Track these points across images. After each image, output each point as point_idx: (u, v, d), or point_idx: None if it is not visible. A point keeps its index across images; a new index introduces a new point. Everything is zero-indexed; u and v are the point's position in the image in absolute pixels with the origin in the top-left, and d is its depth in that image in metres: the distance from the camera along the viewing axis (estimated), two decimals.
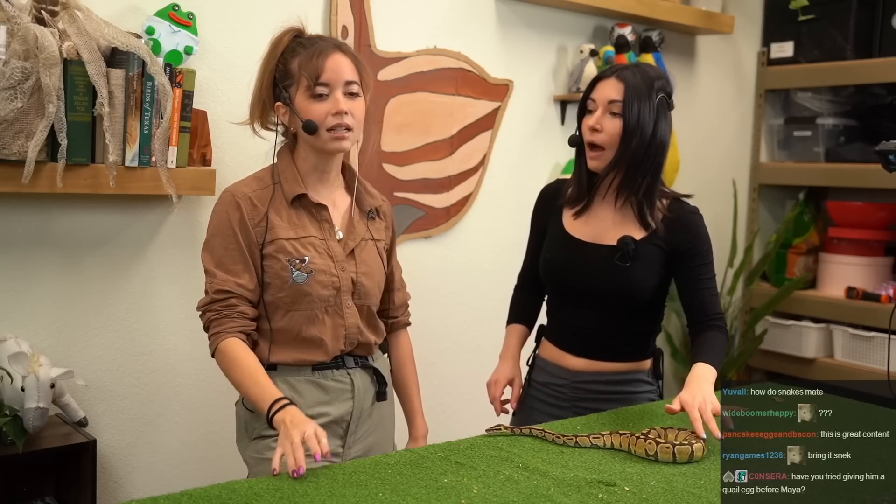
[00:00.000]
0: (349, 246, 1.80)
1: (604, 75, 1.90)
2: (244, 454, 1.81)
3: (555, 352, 2.01)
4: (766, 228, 3.91)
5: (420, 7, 2.76)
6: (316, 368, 1.77)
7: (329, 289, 1.75)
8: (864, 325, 3.41)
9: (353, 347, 1.81)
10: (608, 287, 1.90)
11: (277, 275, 1.73)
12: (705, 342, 1.85)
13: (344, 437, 1.79)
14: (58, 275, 2.16)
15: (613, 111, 1.86)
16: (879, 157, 1.87)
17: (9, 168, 1.90)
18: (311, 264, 1.74)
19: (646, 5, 3.14)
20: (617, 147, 1.86)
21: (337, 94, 1.71)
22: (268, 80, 1.76)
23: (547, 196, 2.06)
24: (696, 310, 1.90)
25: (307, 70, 1.70)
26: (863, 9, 3.49)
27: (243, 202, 1.73)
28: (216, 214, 1.76)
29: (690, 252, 1.89)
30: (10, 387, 1.94)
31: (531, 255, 2.09)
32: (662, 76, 1.90)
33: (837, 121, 3.67)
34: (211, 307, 1.73)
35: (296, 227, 1.76)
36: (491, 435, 1.68)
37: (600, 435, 1.64)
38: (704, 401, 1.63)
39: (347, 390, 1.80)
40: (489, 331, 2.99)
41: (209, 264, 1.75)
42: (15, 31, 1.88)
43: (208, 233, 1.77)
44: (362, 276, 1.80)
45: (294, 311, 1.74)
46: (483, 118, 2.93)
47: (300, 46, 1.74)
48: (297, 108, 1.72)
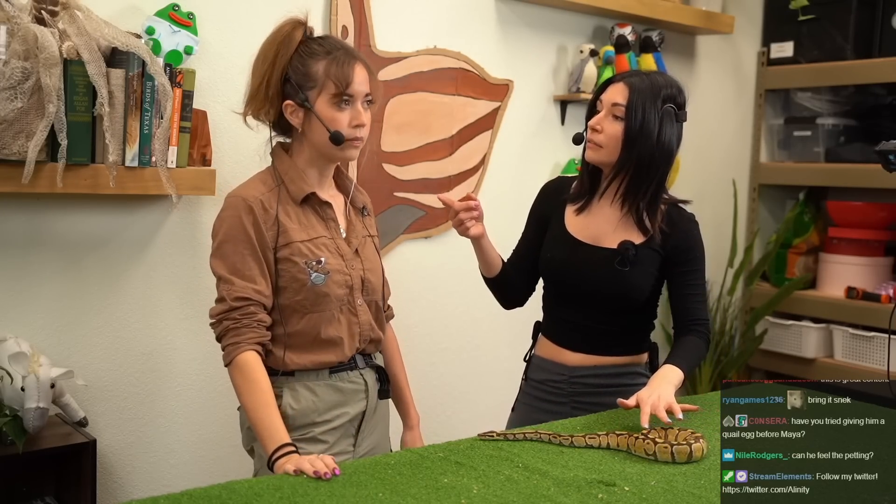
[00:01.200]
0: (353, 244, 1.81)
1: (614, 79, 1.92)
2: (258, 448, 1.79)
3: (552, 348, 2.02)
4: (766, 228, 3.91)
5: (420, 7, 2.76)
6: (333, 371, 1.78)
7: (344, 288, 1.76)
8: (864, 325, 3.42)
9: (365, 345, 1.82)
10: (606, 289, 1.92)
11: (294, 278, 1.72)
12: (680, 345, 1.90)
13: (356, 435, 1.81)
14: (58, 275, 2.16)
15: (616, 114, 1.87)
16: (879, 157, 1.87)
17: (9, 168, 1.90)
18: (328, 265, 1.74)
19: (646, 5, 3.14)
20: (617, 149, 1.87)
21: (358, 106, 1.73)
22: (277, 76, 1.73)
23: (550, 190, 2.07)
24: (680, 314, 1.95)
25: (335, 77, 1.69)
26: (863, 9, 3.49)
27: (255, 206, 1.71)
28: (226, 220, 1.72)
29: (683, 258, 1.93)
30: (10, 387, 1.94)
31: (524, 243, 2.07)
32: (674, 85, 1.90)
33: (837, 121, 3.67)
34: (229, 315, 1.69)
35: (306, 228, 1.75)
36: (484, 440, 1.65)
37: (596, 435, 1.64)
38: (659, 398, 1.68)
39: (362, 390, 1.81)
40: (489, 331, 3.00)
41: (223, 271, 1.70)
42: (15, 31, 1.88)
43: (218, 239, 1.72)
44: (368, 273, 1.81)
45: (313, 312, 1.73)
46: (483, 118, 2.93)
47: (319, 47, 1.72)
48: (319, 114, 1.72)
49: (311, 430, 1.75)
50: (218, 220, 1.74)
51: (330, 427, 1.76)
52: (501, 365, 3.03)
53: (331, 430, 1.76)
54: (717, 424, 1.33)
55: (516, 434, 1.66)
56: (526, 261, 2.05)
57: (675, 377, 1.78)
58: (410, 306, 2.77)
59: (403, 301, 2.02)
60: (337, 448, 1.77)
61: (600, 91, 1.93)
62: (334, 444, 1.77)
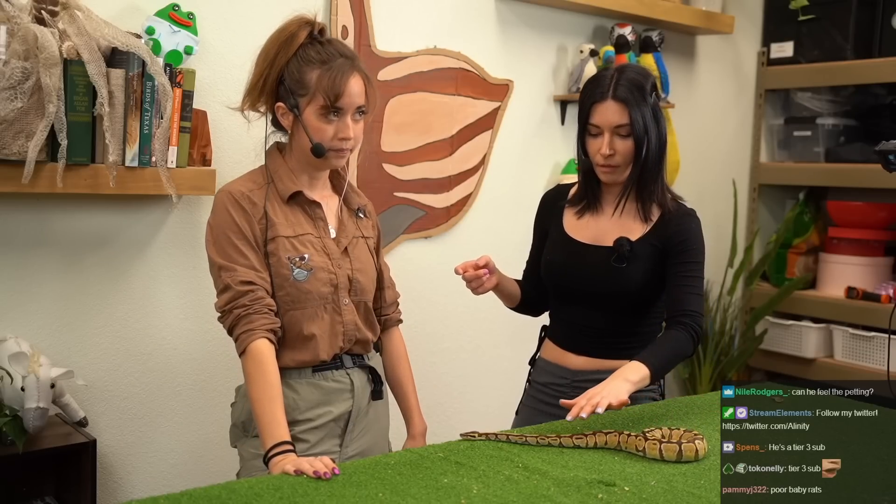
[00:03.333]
0: (342, 243, 1.81)
1: (597, 98, 1.88)
2: (241, 449, 1.80)
3: (556, 351, 2.02)
4: (766, 228, 3.91)
5: (420, 7, 2.76)
6: (316, 370, 1.77)
7: (328, 286, 1.75)
8: (864, 325, 3.42)
9: (351, 345, 1.81)
10: (606, 287, 1.92)
11: (277, 273, 1.72)
12: (658, 341, 1.85)
13: (342, 436, 1.79)
14: (58, 275, 2.16)
15: (621, 134, 1.87)
16: (879, 157, 1.87)
17: (9, 168, 1.90)
18: (311, 262, 1.74)
19: (646, 5, 3.14)
20: (630, 162, 1.90)
21: (347, 119, 1.71)
22: (274, 76, 1.73)
23: (548, 201, 2.10)
24: (670, 305, 1.90)
25: (325, 90, 1.68)
26: (863, 9, 3.49)
27: (242, 200, 1.72)
28: (218, 213, 1.73)
29: (679, 249, 1.90)
30: (10, 387, 1.94)
31: (534, 254, 2.11)
32: (645, 73, 1.92)
33: (837, 121, 3.67)
34: (238, 303, 1.67)
35: (293, 225, 1.75)
36: (468, 440, 1.63)
37: (583, 435, 1.61)
38: (601, 395, 1.63)
39: (347, 390, 1.80)
40: (489, 331, 3.00)
41: (222, 259, 1.69)
42: (15, 31, 1.88)
43: (212, 233, 1.73)
44: (357, 273, 1.80)
45: (294, 309, 1.73)
46: (483, 118, 2.93)
47: (317, 55, 1.71)
48: (305, 123, 1.72)
49: (292, 429, 1.72)
50: (210, 215, 1.75)
51: (311, 426, 1.75)
52: (501, 365, 3.03)
53: (312, 430, 1.75)
54: (717, 424, 1.33)
55: (498, 435, 1.64)
56: (538, 270, 2.07)
57: (634, 375, 1.72)
58: (410, 306, 2.76)
59: (403, 301, 2.02)
60: (320, 448, 1.75)
61: (586, 113, 1.90)
62: (317, 443, 1.75)
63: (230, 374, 2.37)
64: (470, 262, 1.93)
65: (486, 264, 1.93)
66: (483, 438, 1.64)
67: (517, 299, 2.08)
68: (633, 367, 1.74)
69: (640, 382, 1.72)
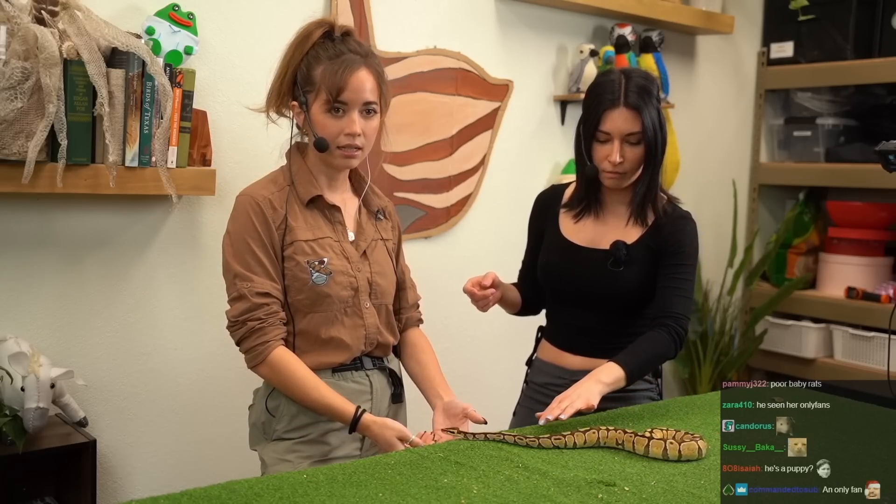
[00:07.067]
0: (361, 247, 1.81)
1: (608, 105, 1.85)
2: (262, 453, 1.80)
3: (553, 352, 2.02)
4: (766, 228, 3.91)
5: (420, 7, 2.76)
6: (336, 371, 1.77)
7: (348, 289, 1.75)
8: (864, 325, 3.42)
9: (372, 348, 1.81)
10: (602, 290, 1.92)
11: (296, 277, 1.72)
12: (638, 342, 1.84)
13: (362, 438, 1.78)
14: (58, 275, 2.16)
15: (631, 141, 1.87)
16: (879, 157, 1.87)
17: (9, 168, 1.91)
18: (331, 265, 1.73)
19: (646, 5, 3.14)
20: (638, 168, 1.90)
21: (353, 114, 1.70)
22: (290, 76, 1.74)
23: (544, 202, 2.09)
24: (656, 306, 1.90)
25: (328, 84, 1.68)
26: (863, 9, 3.49)
27: (264, 205, 1.72)
28: (237, 219, 1.73)
29: (671, 250, 1.91)
30: (10, 387, 1.94)
31: (529, 255, 2.12)
32: (650, 77, 1.91)
33: (837, 121, 3.68)
34: (253, 315, 1.68)
35: (312, 229, 1.75)
36: (448, 431, 1.66)
37: (562, 435, 1.60)
38: (570, 399, 1.65)
39: (367, 391, 1.80)
40: (489, 330, 3.00)
41: (239, 266, 1.70)
42: (15, 31, 1.88)
43: (231, 238, 1.73)
44: (377, 276, 1.80)
45: (314, 312, 1.73)
46: (483, 118, 2.93)
47: (326, 52, 1.71)
48: (311, 119, 1.72)
49: (311, 432, 1.75)
50: (230, 219, 1.75)
51: (330, 428, 1.75)
52: (501, 365, 3.03)
53: (333, 432, 1.76)
54: (717, 425, 1.32)
55: (476, 435, 1.63)
56: (534, 271, 2.07)
57: (608, 376, 1.73)
58: None
59: None
60: (342, 451, 1.76)
61: (596, 120, 1.86)
62: (338, 446, 1.76)
63: (230, 375, 2.37)
64: (476, 279, 1.92)
65: (493, 282, 1.93)
66: (461, 437, 1.63)
67: (518, 305, 2.09)
68: (607, 369, 1.75)
69: (613, 384, 1.73)
